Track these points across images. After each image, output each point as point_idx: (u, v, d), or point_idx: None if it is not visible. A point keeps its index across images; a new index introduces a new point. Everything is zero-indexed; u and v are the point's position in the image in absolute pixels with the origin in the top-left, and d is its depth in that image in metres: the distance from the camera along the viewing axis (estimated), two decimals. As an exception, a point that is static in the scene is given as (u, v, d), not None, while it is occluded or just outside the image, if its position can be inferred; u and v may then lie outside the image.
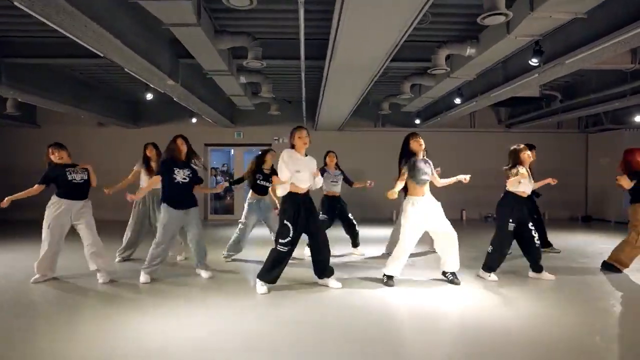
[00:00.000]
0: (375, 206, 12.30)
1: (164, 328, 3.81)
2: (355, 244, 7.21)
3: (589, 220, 13.07)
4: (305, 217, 4.86)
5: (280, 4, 5.63)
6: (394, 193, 4.88)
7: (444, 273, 5.40)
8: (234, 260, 6.68)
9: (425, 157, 5.35)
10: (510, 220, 5.31)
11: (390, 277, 5.21)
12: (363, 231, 7.74)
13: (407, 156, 5.22)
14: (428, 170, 5.23)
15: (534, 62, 5.86)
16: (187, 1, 4.34)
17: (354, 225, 7.09)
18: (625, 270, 5.82)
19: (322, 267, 5.05)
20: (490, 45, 5.81)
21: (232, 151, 14.59)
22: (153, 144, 6.80)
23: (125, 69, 6.41)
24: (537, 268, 5.47)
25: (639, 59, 7.16)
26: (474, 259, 6.35)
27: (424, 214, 5.09)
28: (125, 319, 4.00)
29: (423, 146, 5.30)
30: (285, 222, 4.80)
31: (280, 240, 4.79)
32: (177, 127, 12.77)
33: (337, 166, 7.25)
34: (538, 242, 5.44)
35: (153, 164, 6.55)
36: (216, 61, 6.57)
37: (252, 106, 10.89)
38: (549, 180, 6.13)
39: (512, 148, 5.54)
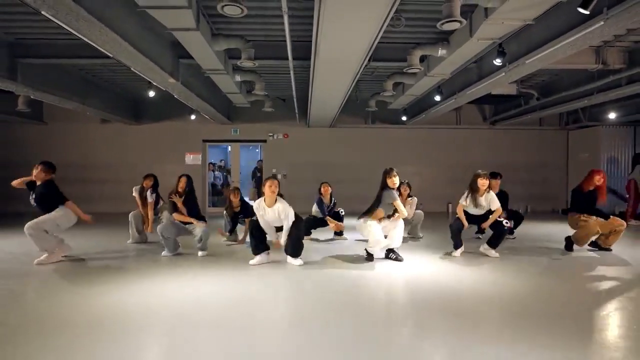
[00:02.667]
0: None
1: (165, 289, 4.52)
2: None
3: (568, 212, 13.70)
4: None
5: (269, 10, 6.30)
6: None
7: (388, 252, 6.19)
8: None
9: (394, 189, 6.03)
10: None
11: (370, 255, 6.08)
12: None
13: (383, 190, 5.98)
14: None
15: (497, 62, 6.54)
16: (188, 9, 5.00)
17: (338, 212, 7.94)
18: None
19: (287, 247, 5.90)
20: (457, 47, 6.49)
21: (229, 147, 15.21)
22: (153, 175, 7.62)
23: (132, 69, 7.05)
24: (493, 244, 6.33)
25: (602, 60, 7.85)
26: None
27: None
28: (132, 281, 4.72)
29: (397, 184, 6.00)
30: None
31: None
32: (177, 124, 13.48)
33: (331, 196, 7.95)
34: (507, 222, 6.27)
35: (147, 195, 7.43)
36: (213, 61, 7.23)
37: (247, 103, 11.53)
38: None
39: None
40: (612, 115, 11.72)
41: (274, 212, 5.67)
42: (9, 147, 13.10)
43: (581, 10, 4.46)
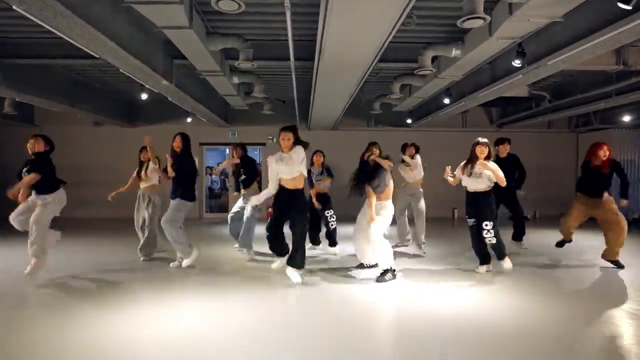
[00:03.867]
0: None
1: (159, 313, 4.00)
2: (330, 243, 7.37)
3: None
4: (287, 210, 5.27)
5: (269, 6, 5.79)
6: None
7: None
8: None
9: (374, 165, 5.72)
10: (467, 217, 5.87)
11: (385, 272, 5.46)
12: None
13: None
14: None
15: (516, 63, 6.05)
16: (179, 4, 4.50)
17: (327, 224, 7.27)
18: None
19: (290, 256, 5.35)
20: (474, 46, 6.00)
21: (227, 150, 14.71)
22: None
23: (120, 70, 6.55)
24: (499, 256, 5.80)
25: (622, 60, 7.35)
26: (458, 254, 6.58)
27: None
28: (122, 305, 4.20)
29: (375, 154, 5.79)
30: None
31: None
32: (173, 127, 12.93)
33: (322, 165, 7.43)
34: (492, 239, 5.61)
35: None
36: (208, 62, 6.74)
37: (245, 106, 11.05)
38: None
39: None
40: (626, 118, 11.26)
41: (290, 157, 5.14)
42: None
43: (622, 5, 3.96)
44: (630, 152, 12.26)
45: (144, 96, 9.53)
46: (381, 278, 5.32)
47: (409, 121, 12.64)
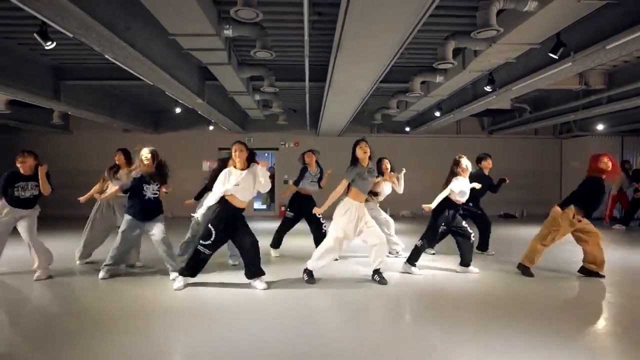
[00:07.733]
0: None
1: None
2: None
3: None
4: (233, 228, 5.08)
5: (289, 41, 7.13)
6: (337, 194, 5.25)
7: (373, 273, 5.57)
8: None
9: (369, 167, 5.39)
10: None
11: (310, 273, 5.42)
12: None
13: (353, 164, 5.33)
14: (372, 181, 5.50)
15: (487, 88, 7.47)
16: (224, 51, 5.95)
17: (322, 226, 6.79)
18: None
19: (250, 270, 5.22)
20: (453, 75, 7.42)
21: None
22: (124, 150, 7.14)
23: (167, 92, 7.97)
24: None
25: (585, 81, 8.70)
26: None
27: (356, 219, 5.27)
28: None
29: (368, 154, 5.29)
30: (209, 225, 5.02)
31: (202, 242, 5.07)
32: (195, 134, 14.41)
33: (318, 164, 7.18)
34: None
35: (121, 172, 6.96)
36: (238, 85, 8.19)
37: (263, 117, 12.49)
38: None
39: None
40: (600, 127, 12.57)
41: (251, 176, 4.96)
42: (40, 156, 13.97)
43: (551, 55, 5.38)
44: (606, 157, 13.48)
45: (177, 110, 10.97)
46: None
47: (407, 129, 14.01)
